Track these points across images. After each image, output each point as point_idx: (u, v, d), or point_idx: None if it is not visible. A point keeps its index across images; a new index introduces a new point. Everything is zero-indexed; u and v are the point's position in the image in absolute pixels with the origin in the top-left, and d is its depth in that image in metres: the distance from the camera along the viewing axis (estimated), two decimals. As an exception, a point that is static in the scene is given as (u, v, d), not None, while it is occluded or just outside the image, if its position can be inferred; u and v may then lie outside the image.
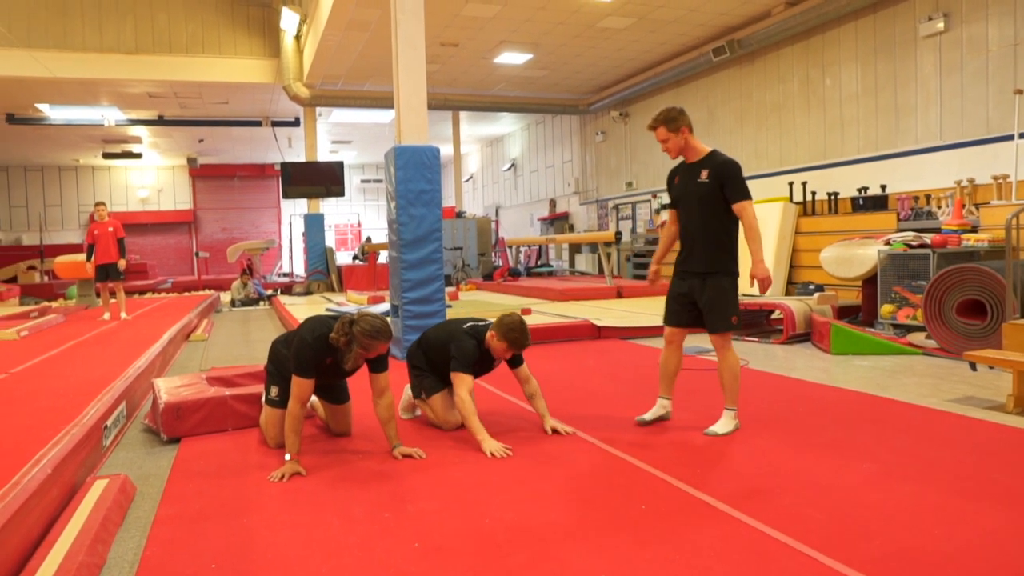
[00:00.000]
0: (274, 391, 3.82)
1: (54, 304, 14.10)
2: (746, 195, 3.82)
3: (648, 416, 4.12)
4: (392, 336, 3.52)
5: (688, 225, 3.96)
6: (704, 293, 3.89)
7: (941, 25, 9.00)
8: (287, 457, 3.38)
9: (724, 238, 3.87)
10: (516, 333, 3.91)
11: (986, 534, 2.46)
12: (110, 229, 10.04)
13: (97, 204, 10.25)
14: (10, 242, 24.13)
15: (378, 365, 3.61)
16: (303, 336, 3.54)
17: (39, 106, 16.53)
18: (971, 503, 2.73)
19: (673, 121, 3.84)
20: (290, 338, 3.77)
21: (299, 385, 3.46)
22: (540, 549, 2.45)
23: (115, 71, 14.38)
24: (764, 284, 3.84)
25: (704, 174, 3.83)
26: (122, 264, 10.05)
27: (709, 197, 3.82)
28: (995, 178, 8.15)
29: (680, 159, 4.00)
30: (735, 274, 3.94)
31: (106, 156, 22.36)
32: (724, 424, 3.88)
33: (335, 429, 4.07)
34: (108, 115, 17.56)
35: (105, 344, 7.41)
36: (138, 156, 22.47)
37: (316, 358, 3.49)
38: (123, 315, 10.07)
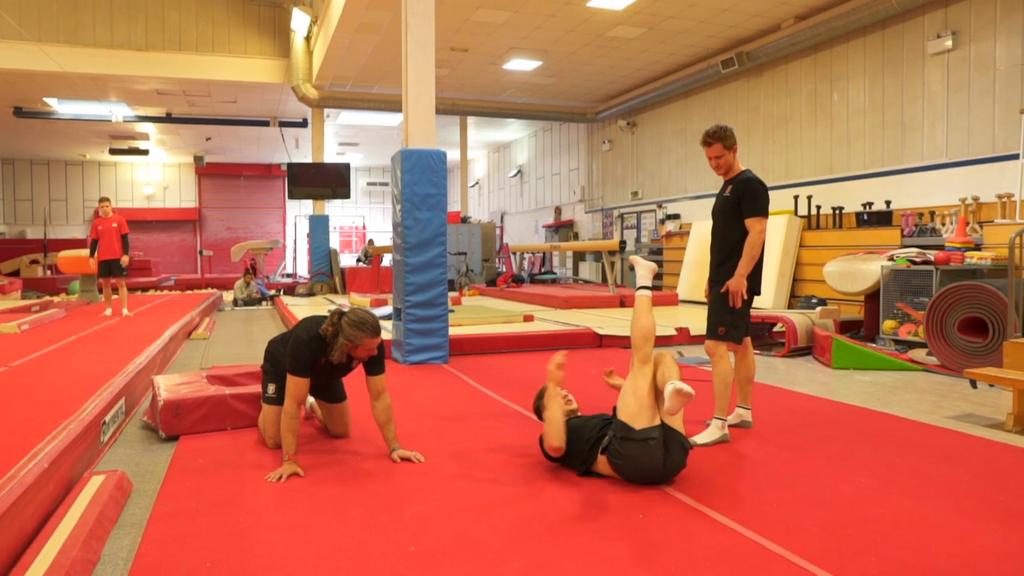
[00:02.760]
0: (271, 388, 3.83)
1: (56, 299, 14.14)
2: (757, 212, 3.93)
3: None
4: (379, 332, 3.47)
5: (713, 239, 4.20)
6: (710, 300, 4.14)
7: (949, 43, 9.01)
8: (285, 458, 3.38)
9: (734, 250, 4.01)
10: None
11: (984, 552, 2.44)
12: (114, 225, 10.07)
13: (101, 200, 10.28)
14: (14, 235, 24.19)
15: (374, 367, 3.60)
16: (298, 335, 3.54)
17: (47, 100, 16.60)
18: (969, 520, 2.72)
19: (730, 139, 4.04)
20: (287, 337, 3.77)
21: (294, 384, 3.45)
22: (536, 556, 2.44)
23: (125, 67, 14.46)
24: (734, 296, 3.99)
25: (729, 190, 4.06)
26: (125, 260, 10.07)
27: (728, 212, 4.03)
28: (1000, 197, 8.14)
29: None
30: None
31: (113, 152, 22.44)
32: (709, 434, 3.90)
33: (333, 430, 4.07)
34: (116, 111, 17.63)
35: (106, 340, 7.42)
36: (145, 153, 22.54)
37: (311, 357, 3.48)
38: (124, 311, 10.09)
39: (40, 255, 20.53)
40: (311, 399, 4.27)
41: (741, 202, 3.95)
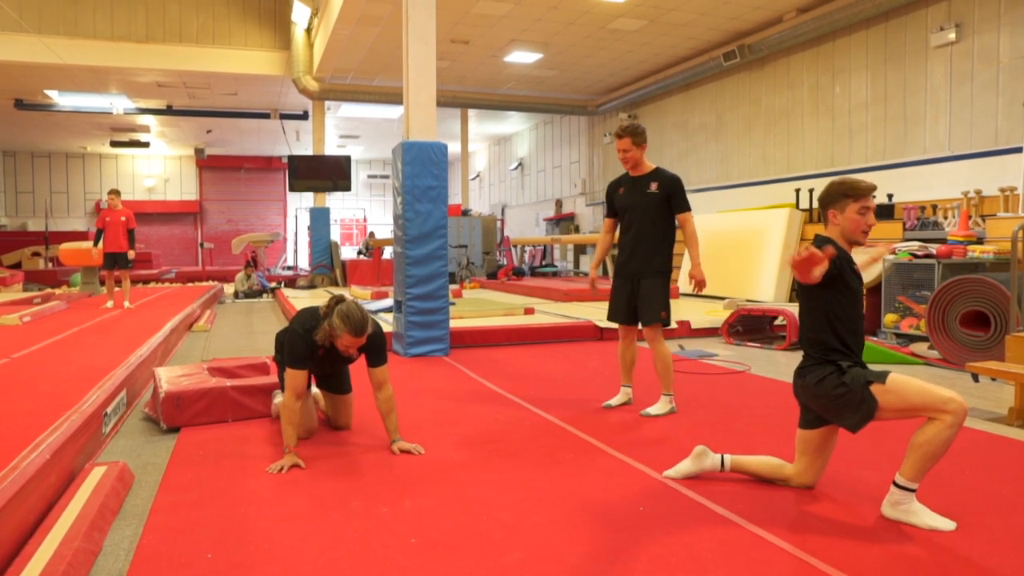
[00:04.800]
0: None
1: (57, 291, 14.14)
2: (688, 207, 4.37)
3: (612, 402, 4.59)
4: (362, 334, 3.40)
5: (633, 232, 4.40)
6: (640, 290, 4.37)
7: (953, 35, 8.97)
8: (285, 450, 3.38)
9: (663, 243, 4.36)
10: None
11: (985, 544, 2.45)
12: (122, 219, 10.07)
13: (110, 192, 10.28)
14: (15, 228, 24.19)
15: (375, 359, 3.60)
16: (294, 328, 3.56)
17: (48, 92, 16.57)
18: (971, 513, 2.72)
19: (641, 136, 4.36)
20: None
21: (292, 377, 3.46)
22: (537, 548, 2.45)
23: (125, 59, 14.42)
24: (701, 285, 4.34)
25: (654, 186, 4.33)
26: (131, 254, 10.07)
27: (656, 206, 4.32)
28: (1002, 190, 8.12)
29: (623, 173, 4.52)
30: (669, 275, 4.41)
31: (114, 144, 22.40)
32: (660, 407, 4.36)
33: (335, 422, 4.07)
34: (117, 103, 17.60)
35: (107, 332, 7.42)
36: (146, 145, 22.51)
37: (308, 349, 3.49)
38: (127, 304, 10.09)
39: (41, 247, 20.53)
40: (315, 389, 4.28)
41: (671, 198, 4.30)
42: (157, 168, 26.63)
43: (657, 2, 10.78)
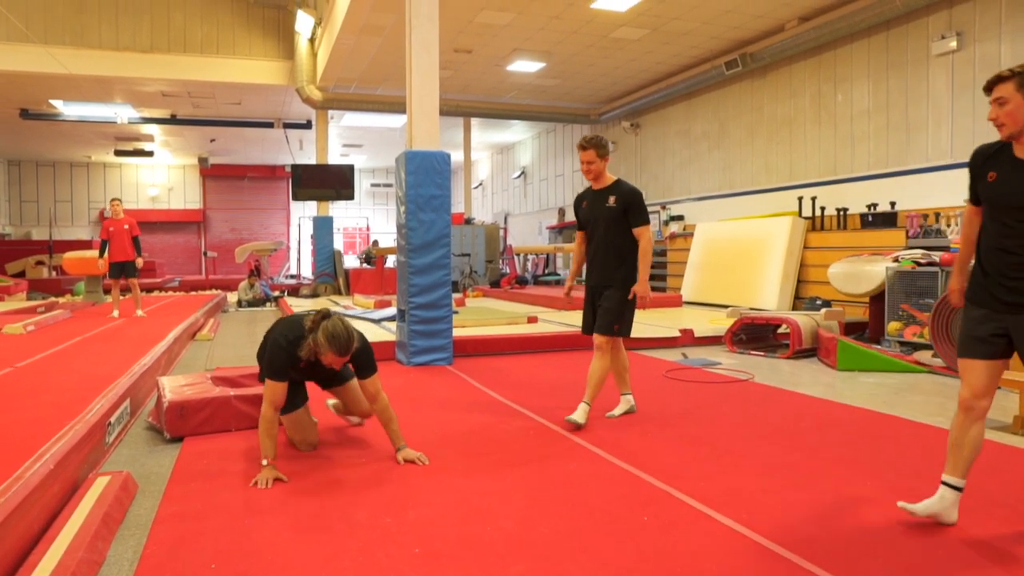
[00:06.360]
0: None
1: (61, 300, 14.17)
2: (646, 222, 4.37)
3: (615, 412, 4.57)
4: (347, 353, 3.33)
5: (596, 244, 4.45)
6: (600, 300, 4.42)
7: (954, 44, 8.98)
8: (263, 463, 3.31)
9: (625, 255, 4.37)
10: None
11: (990, 553, 2.44)
12: (125, 227, 10.07)
13: (112, 201, 10.27)
14: (19, 237, 24.24)
15: (363, 371, 3.54)
16: (277, 339, 3.46)
17: (53, 102, 16.65)
18: (975, 522, 2.71)
19: (604, 148, 4.38)
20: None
21: (271, 389, 3.40)
22: (541, 559, 2.44)
23: (130, 69, 14.49)
24: (644, 301, 4.35)
25: (612, 200, 4.36)
26: (139, 262, 10.07)
27: (615, 220, 4.35)
28: (1006, 198, 8.10)
29: (588, 187, 4.56)
30: (630, 287, 4.36)
31: (118, 153, 22.51)
32: (622, 407, 4.56)
33: (353, 411, 4.00)
34: (121, 113, 17.67)
35: (111, 341, 7.44)
36: (150, 154, 22.60)
37: (290, 361, 3.41)
38: (139, 312, 10.09)
39: (46, 256, 20.58)
40: (331, 401, 4.31)
41: (628, 211, 4.32)
42: (161, 177, 26.72)
43: (659, 11, 10.82)
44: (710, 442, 3.93)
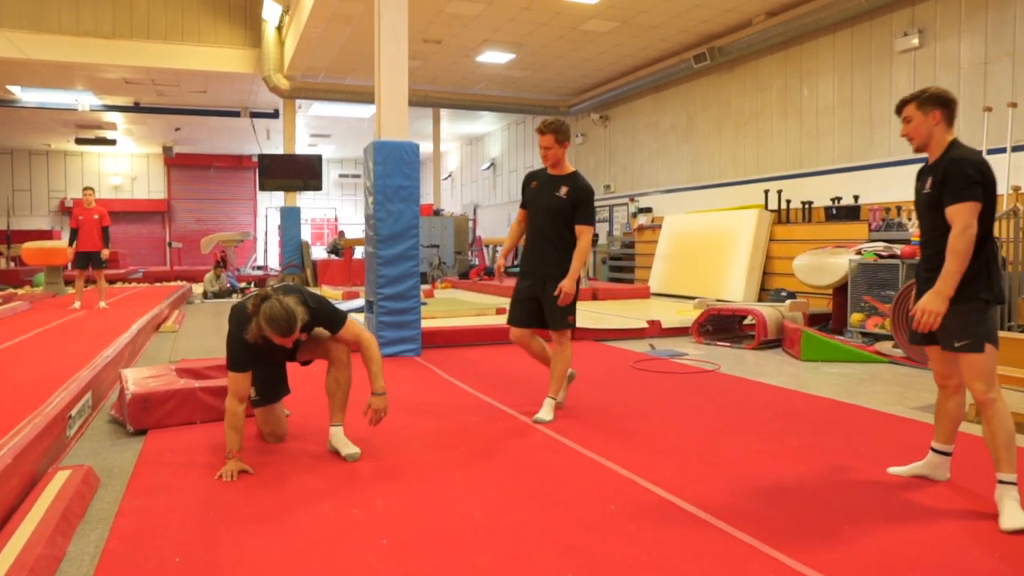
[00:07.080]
0: (252, 392, 3.73)
1: (20, 291, 13.84)
2: (592, 222, 4.28)
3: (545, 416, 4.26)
4: (291, 333, 3.19)
5: (537, 230, 4.32)
6: (547, 292, 4.23)
7: (916, 41, 9.15)
8: (228, 455, 3.27)
9: (570, 247, 4.24)
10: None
11: (950, 537, 2.50)
12: (96, 216, 9.88)
13: (85, 189, 10.12)
14: (-24, 226, 23.63)
15: (333, 327, 3.49)
16: (232, 331, 3.38)
17: (11, 88, 16.21)
18: (935, 507, 2.78)
19: (564, 134, 4.21)
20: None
21: (234, 380, 3.33)
22: (509, 548, 2.46)
23: (91, 55, 14.14)
24: (566, 298, 4.16)
25: (564, 190, 4.23)
26: (105, 253, 9.90)
27: (561, 211, 4.23)
28: (965, 192, 8.28)
29: (542, 168, 4.38)
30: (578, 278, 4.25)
31: (79, 141, 21.97)
32: (547, 411, 4.23)
33: (337, 373, 3.68)
34: (82, 100, 17.27)
35: (72, 333, 7.29)
36: (112, 143, 22.11)
37: (248, 350, 3.33)
38: (102, 303, 9.93)
39: (4, 247, 20.07)
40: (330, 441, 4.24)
41: (576, 207, 4.21)
42: (124, 166, 26.18)
43: (629, 4, 10.85)
44: (677, 432, 3.98)
